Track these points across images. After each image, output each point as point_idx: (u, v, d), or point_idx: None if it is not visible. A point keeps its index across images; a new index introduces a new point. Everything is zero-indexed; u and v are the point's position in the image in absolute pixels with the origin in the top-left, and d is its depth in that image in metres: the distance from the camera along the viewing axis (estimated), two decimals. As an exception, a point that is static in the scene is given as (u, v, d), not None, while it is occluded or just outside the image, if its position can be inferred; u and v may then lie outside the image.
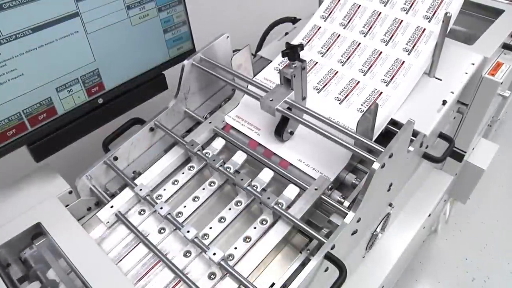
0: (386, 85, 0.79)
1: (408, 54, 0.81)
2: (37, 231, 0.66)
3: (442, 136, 0.81)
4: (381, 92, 0.78)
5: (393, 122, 0.77)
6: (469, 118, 0.93)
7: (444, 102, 0.78)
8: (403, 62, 0.80)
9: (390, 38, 0.83)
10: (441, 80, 0.83)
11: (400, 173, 0.73)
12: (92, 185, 0.75)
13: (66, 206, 0.70)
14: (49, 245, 0.66)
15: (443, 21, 0.77)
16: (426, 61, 0.80)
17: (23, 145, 0.71)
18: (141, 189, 0.71)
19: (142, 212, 0.72)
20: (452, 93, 0.80)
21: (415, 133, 0.72)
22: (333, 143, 0.66)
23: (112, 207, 0.71)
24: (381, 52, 0.83)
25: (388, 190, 0.70)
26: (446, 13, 0.75)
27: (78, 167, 0.75)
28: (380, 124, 0.75)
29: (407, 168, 0.76)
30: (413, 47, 0.81)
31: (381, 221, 0.79)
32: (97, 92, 0.77)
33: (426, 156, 0.78)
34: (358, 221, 0.63)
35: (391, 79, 0.79)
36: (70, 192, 0.73)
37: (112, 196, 0.74)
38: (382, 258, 0.88)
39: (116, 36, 0.75)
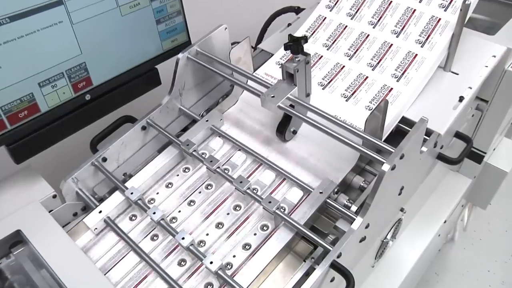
0: (397, 81, 0.79)
1: (422, 47, 0.81)
2: (16, 239, 0.66)
3: (458, 135, 0.81)
4: (392, 88, 0.79)
5: (404, 121, 0.77)
6: (490, 116, 0.93)
7: (461, 99, 0.78)
8: (416, 55, 0.80)
9: (402, 29, 0.83)
10: (458, 74, 0.83)
11: (412, 176, 0.73)
12: (79, 188, 0.75)
13: (49, 212, 0.70)
14: (30, 254, 0.66)
15: (461, 10, 0.77)
16: (441, 54, 0.80)
17: (2, 145, 0.71)
18: (132, 193, 0.71)
19: (133, 218, 0.72)
20: (470, 88, 0.80)
21: (428, 132, 0.72)
22: (339, 143, 0.66)
23: (100, 212, 0.71)
24: (391, 45, 0.83)
25: (399, 194, 0.70)
26: (464, 1, 0.75)
27: (63, 169, 0.75)
28: (390, 122, 0.75)
29: (420, 170, 0.76)
30: (426, 38, 0.81)
31: (391, 228, 0.79)
32: (84, 88, 0.77)
33: (441, 157, 0.78)
34: (366, 227, 0.63)
35: (403, 73, 0.79)
36: (54, 196, 0.73)
37: (101, 200, 0.75)
38: (393, 268, 0.88)
39: (105, 27, 0.76)
